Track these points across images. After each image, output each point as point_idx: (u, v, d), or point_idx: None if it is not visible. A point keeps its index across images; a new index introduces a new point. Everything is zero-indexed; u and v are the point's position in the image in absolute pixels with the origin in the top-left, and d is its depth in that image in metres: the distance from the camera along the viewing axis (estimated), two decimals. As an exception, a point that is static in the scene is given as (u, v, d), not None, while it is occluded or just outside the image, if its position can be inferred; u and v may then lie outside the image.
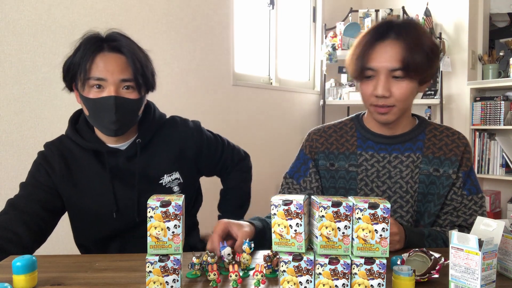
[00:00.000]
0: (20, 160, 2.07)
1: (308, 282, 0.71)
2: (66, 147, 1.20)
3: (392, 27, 1.11)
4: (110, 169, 1.16)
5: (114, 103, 1.07)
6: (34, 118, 2.12)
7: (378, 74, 1.09)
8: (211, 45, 3.10)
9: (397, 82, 1.09)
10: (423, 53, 1.07)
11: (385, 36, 1.10)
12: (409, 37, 1.08)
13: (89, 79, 1.08)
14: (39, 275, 0.81)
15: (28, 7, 2.09)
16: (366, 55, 1.10)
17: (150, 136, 1.21)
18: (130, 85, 1.10)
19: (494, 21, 4.13)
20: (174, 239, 0.73)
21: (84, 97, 1.10)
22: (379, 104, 1.11)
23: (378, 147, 1.21)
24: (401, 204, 1.17)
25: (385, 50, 1.08)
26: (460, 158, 1.18)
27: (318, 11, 4.06)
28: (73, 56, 1.12)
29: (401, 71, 1.07)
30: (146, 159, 1.20)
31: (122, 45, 1.11)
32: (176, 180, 1.23)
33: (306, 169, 1.25)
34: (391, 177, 1.18)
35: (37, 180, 1.15)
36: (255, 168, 1.74)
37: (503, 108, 3.32)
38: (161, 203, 0.72)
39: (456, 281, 0.74)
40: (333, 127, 1.28)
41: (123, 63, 1.10)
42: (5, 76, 2.01)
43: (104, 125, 1.11)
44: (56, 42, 2.19)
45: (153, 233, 0.72)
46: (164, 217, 0.72)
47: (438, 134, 1.22)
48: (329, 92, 3.93)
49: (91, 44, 1.10)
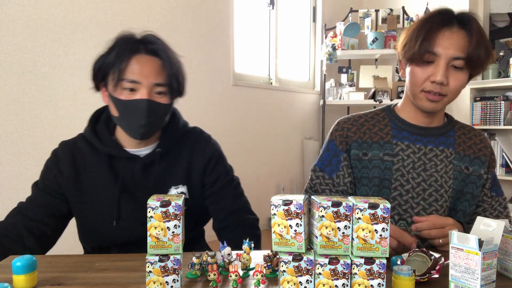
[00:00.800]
0: (20, 160, 2.07)
1: (308, 282, 0.71)
2: (79, 149, 1.17)
3: (455, 16, 1.09)
4: (122, 178, 1.13)
5: (147, 107, 1.05)
6: (34, 118, 2.12)
7: (439, 60, 1.06)
8: (211, 45, 3.10)
9: (455, 72, 1.07)
10: (484, 48, 1.06)
11: (451, 23, 1.07)
12: (474, 28, 1.06)
13: (122, 81, 1.05)
14: (39, 275, 0.81)
15: (28, 7, 2.09)
16: (430, 38, 1.06)
17: (171, 145, 1.18)
18: (163, 90, 1.08)
19: (494, 21, 4.13)
20: (174, 239, 0.73)
21: (115, 98, 1.07)
22: (433, 90, 1.07)
23: (413, 138, 1.17)
24: (436, 197, 1.15)
25: (451, 37, 1.06)
26: (488, 159, 1.19)
27: (318, 11, 4.06)
28: (107, 56, 1.09)
29: (462, 61, 1.05)
30: (162, 169, 1.16)
31: (159, 48, 1.09)
32: (182, 194, 1.18)
33: (338, 162, 1.19)
34: (426, 169, 1.15)
35: (45, 184, 1.14)
36: (255, 167, 1.73)
37: (503, 108, 3.32)
38: (161, 203, 0.72)
39: (456, 281, 0.74)
40: (364, 117, 1.24)
41: (159, 66, 1.08)
42: (5, 76, 2.01)
43: (132, 127, 1.08)
44: (56, 42, 2.19)
45: (153, 233, 0.72)
46: (164, 217, 0.72)
47: (466, 132, 1.22)
48: (329, 92, 3.93)
49: (127, 44, 1.08)
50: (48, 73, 2.16)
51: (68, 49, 2.24)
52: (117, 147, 1.15)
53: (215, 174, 1.21)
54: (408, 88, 1.15)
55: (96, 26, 2.35)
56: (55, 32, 2.19)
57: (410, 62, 1.11)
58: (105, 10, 2.41)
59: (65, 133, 2.20)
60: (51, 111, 2.18)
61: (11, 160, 2.04)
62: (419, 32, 1.08)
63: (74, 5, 2.27)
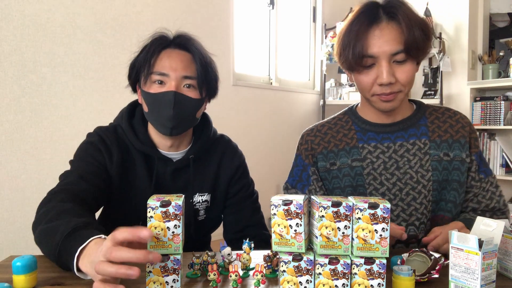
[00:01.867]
0: (20, 160, 2.07)
1: (308, 282, 0.71)
2: (122, 139, 1.12)
3: (380, 7, 1.03)
4: (157, 178, 1.12)
5: (174, 98, 1.04)
6: (34, 118, 2.12)
7: (379, 60, 1.01)
8: (211, 45, 3.09)
9: (399, 66, 1.02)
10: (419, 29, 1.00)
11: (378, 18, 1.01)
12: (402, 15, 1.00)
13: (151, 74, 1.06)
14: (39, 275, 0.81)
15: (28, 7, 2.09)
16: (362, 42, 1.00)
17: (203, 152, 1.18)
18: (192, 84, 1.08)
19: (494, 21, 4.13)
20: (174, 239, 0.73)
21: (144, 92, 1.08)
22: (385, 92, 1.02)
23: (380, 137, 1.12)
24: (414, 196, 1.10)
25: (383, 33, 1.00)
26: (469, 140, 1.12)
27: (318, 11, 4.06)
28: (139, 55, 1.11)
29: (403, 54, 1.00)
30: (190, 175, 1.16)
31: (190, 43, 1.10)
32: (205, 202, 1.19)
33: (308, 176, 1.16)
34: (399, 167, 1.10)
35: (92, 161, 1.06)
36: (255, 167, 1.73)
37: (503, 108, 3.32)
38: (161, 203, 0.72)
39: (456, 281, 0.74)
40: (327, 124, 1.20)
41: (188, 60, 1.08)
42: (5, 76, 2.01)
43: (160, 121, 1.07)
44: (56, 42, 2.19)
45: (153, 233, 0.72)
46: (164, 217, 0.72)
47: (440, 116, 1.15)
48: (329, 92, 3.93)
49: (159, 41, 1.10)
50: (48, 73, 2.16)
51: (68, 49, 2.23)
52: (152, 146, 1.14)
53: (239, 185, 1.23)
54: (360, 93, 1.11)
55: (96, 26, 2.35)
56: (55, 32, 2.19)
57: (352, 70, 1.06)
58: (105, 10, 2.41)
59: (65, 133, 2.21)
60: (51, 111, 2.18)
61: (11, 160, 2.04)
62: (349, 38, 1.02)
63: (74, 5, 2.27)
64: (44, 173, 2.11)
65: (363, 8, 1.05)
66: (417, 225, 1.11)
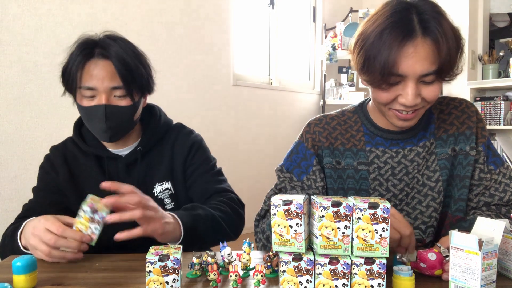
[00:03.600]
0: (20, 160, 2.07)
1: (308, 282, 0.71)
2: (70, 151, 1.20)
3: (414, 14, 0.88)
4: (109, 177, 1.15)
5: (104, 112, 1.06)
6: (34, 118, 2.12)
7: (405, 80, 0.89)
8: (211, 46, 3.10)
9: (427, 86, 0.91)
10: (454, 42, 0.89)
11: (413, 33, 0.86)
12: (439, 28, 0.87)
13: (80, 88, 1.08)
14: (39, 275, 0.81)
15: (28, 7, 2.09)
16: (393, 60, 0.87)
17: (152, 144, 1.19)
18: (121, 94, 1.08)
19: (494, 21, 4.13)
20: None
21: (78, 104, 1.11)
22: (405, 110, 0.92)
23: (388, 143, 1.05)
24: (419, 199, 1.04)
25: (416, 52, 0.86)
26: (475, 130, 1.04)
27: (318, 11, 4.06)
28: (68, 62, 1.12)
29: (434, 76, 0.89)
30: (145, 167, 1.18)
31: (111, 52, 1.07)
32: (167, 190, 1.19)
33: (309, 166, 1.08)
34: (409, 172, 1.03)
35: (46, 184, 1.17)
36: (255, 167, 1.72)
37: (503, 108, 3.32)
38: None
39: (456, 281, 0.74)
40: (336, 119, 1.11)
41: (113, 70, 1.07)
42: (5, 76, 2.01)
43: (97, 132, 1.11)
44: (56, 42, 2.19)
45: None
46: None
47: (444, 108, 1.07)
48: (329, 92, 3.93)
49: (82, 50, 1.09)
50: (48, 73, 2.16)
51: (68, 49, 2.24)
52: (101, 147, 1.18)
53: (196, 163, 1.22)
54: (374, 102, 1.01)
55: (96, 26, 2.35)
56: (55, 32, 2.19)
57: (371, 86, 0.95)
58: (105, 10, 2.41)
59: (65, 133, 2.19)
60: (51, 111, 2.18)
61: (11, 160, 2.04)
62: (377, 51, 0.88)
63: (74, 5, 2.27)
64: (44, 173, 2.11)
65: (395, 16, 0.89)
66: (423, 229, 1.05)
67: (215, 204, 1.11)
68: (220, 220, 1.07)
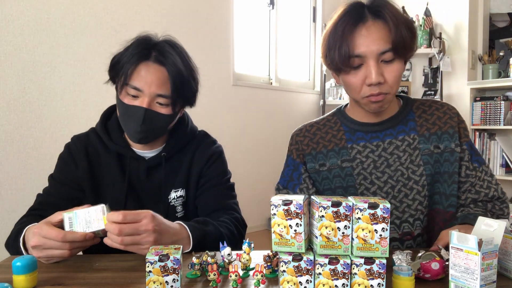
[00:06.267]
0: (20, 160, 2.07)
1: (308, 282, 0.71)
2: (92, 144, 1.18)
3: (365, 7, 1.01)
4: (129, 177, 1.14)
5: (143, 115, 1.06)
6: (34, 118, 2.12)
7: (366, 60, 0.99)
8: (211, 45, 3.10)
9: (387, 66, 1.00)
10: (405, 27, 0.99)
11: (363, 17, 0.99)
12: (388, 14, 0.99)
13: (127, 85, 1.07)
14: (39, 275, 0.81)
15: (28, 7, 2.09)
16: (349, 42, 0.98)
17: (177, 150, 1.19)
18: (165, 102, 1.08)
19: (494, 21, 4.13)
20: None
21: (119, 99, 1.10)
22: (373, 93, 1.01)
23: (368, 136, 1.12)
24: (406, 193, 1.09)
25: (370, 32, 0.98)
26: (458, 129, 1.12)
27: (318, 11, 4.06)
28: (121, 55, 1.10)
29: (391, 53, 0.98)
30: (165, 173, 1.17)
31: (168, 60, 1.07)
32: (181, 198, 1.19)
33: (299, 175, 1.16)
34: (390, 165, 1.10)
35: (64, 176, 1.15)
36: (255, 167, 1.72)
37: (503, 108, 3.32)
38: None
39: (456, 281, 0.74)
40: (316, 125, 1.20)
41: (164, 77, 1.07)
42: (5, 76, 2.01)
43: (129, 131, 1.11)
44: (56, 42, 2.19)
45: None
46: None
47: (427, 109, 1.15)
48: (329, 92, 3.93)
49: (140, 49, 1.08)
50: (48, 73, 2.16)
51: (68, 49, 2.24)
52: (125, 145, 1.16)
53: (211, 174, 1.21)
54: (349, 94, 1.10)
55: (96, 26, 2.35)
56: (55, 32, 2.19)
57: (339, 71, 1.04)
58: (105, 10, 2.41)
59: (65, 133, 2.21)
60: (51, 111, 2.18)
61: (11, 160, 2.04)
62: (335, 39, 1.00)
63: (74, 5, 2.27)
64: (44, 173, 2.11)
65: (348, 8, 1.03)
66: (411, 222, 1.10)
67: (224, 222, 1.10)
68: (226, 239, 1.07)
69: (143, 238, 0.87)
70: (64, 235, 0.87)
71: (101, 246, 1.21)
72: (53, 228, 0.88)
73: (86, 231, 0.89)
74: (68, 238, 0.87)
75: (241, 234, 1.15)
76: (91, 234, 0.89)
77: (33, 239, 0.88)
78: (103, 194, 1.15)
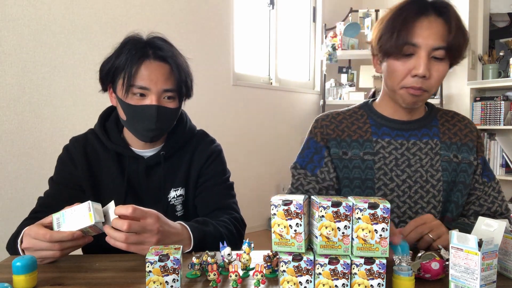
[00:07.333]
0: (20, 160, 2.07)
1: (308, 282, 0.71)
2: (90, 145, 1.18)
3: (430, 3, 1.03)
4: (128, 177, 1.15)
5: (156, 113, 1.07)
6: (34, 118, 2.12)
7: (419, 51, 1.00)
8: (211, 45, 3.10)
9: (436, 63, 1.02)
10: (462, 36, 1.02)
11: (427, 11, 1.01)
12: (452, 16, 1.01)
13: (132, 86, 1.07)
14: (39, 275, 0.81)
15: (28, 7, 2.09)
16: (409, 29, 1.00)
17: (176, 149, 1.20)
18: (171, 95, 1.10)
19: (494, 21, 4.13)
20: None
21: (124, 102, 1.09)
22: (415, 86, 1.02)
23: (394, 133, 1.13)
24: (422, 194, 1.10)
25: (430, 26, 1.00)
26: (476, 144, 1.15)
27: (318, 11, 4.06)
28: (115, 59, 1.10)
29: (443, 51, 1.00)
30: (164, 172, 1.17)
31: (167, 55, 1.10)
32: (181, 197, 1.19)
33: (321, 158, 1.14)
34: (411, 165, 1.11)
35: (64, 177, 1.16)
36: (255, 167, 1.72)
37: (503, 108, 3.32)
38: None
39: (456, 281, 0.74)
40: (342, 114, 1.19)
41: (167, 72, 1.09)
42: (5, 76, 2.01)
43: (140, 131, 1.10)
44: (56, 42, 2.19)
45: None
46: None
47: (449, 119, 1.18)
48: (329, 92, 3.93)
49: (137, 49, 1.08)
50: (48, 73, 2.17)
51: (68, 49, 2.24)
52: (124, 145, 1.17)
53: (210, 173, 1.21)
54: (386, 84, 1.10)
55: (96, 26, 2.35)
56: (55, 32, 2.19)
57: (388, 56, 1.05)
58: (105, 10, 2.41)
59: (65, 133, 2.21)
60: (51, 111, 2.18)
61: (11, 160, 2.04)
62: (395, 23, 1.02)
63: (74, 5, 2.27)
64: (44, 173, 2.11)
65: (410, 1, 1.04)
66: None
67: (223, 222, 1.11)
68: (226, 239, 1.07)
69: (146, 237, 0.87)
70: (51, 235, 0.86)
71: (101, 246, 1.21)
72: (40, 229, 0.87)
73: (73, 230, 0.88)
74: (55, 238, 0.86)
75: (240, 233, 1.15)
76: (79, 232, 0.87)
77: (24, 241, 0.89)
78: (103, 194, 1.15)
